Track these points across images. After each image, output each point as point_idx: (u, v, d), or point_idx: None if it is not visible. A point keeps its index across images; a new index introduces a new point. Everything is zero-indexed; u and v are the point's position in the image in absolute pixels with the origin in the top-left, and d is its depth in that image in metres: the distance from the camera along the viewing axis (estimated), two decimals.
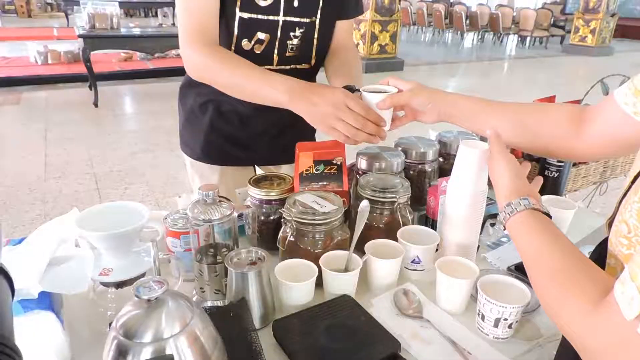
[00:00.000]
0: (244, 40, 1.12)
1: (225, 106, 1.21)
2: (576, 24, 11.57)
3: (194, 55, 1.05)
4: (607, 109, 0.72)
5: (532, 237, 0.62)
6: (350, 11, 1.25)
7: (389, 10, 8.15)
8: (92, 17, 5.43)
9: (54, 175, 3.69)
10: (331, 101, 0.90)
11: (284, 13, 1.12)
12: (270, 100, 0.98)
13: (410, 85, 0.92)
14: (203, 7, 1.04)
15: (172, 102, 5.58)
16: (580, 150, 0.79)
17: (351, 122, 0.89)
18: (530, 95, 7.29)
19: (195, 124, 1.26)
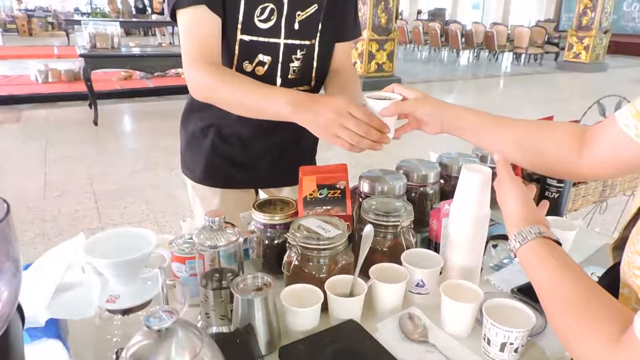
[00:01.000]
0: (245, 62, 1.13)
1: (227, 130, 1.22)
2: (570, 41, 11.73)
3: (196, 76, 1.06)
4: (609, 130, 0.73)
5: (545, 267, 0.62)
6: (348, 34, 1.27)
7: (385, 29, 8.26)
8: (94, 37, 5.49)
9: (53, 194, 3.69)
10: (334, 109, 0.91)
11: (284, 36, 1.14)
12: (274, 113, 0.99)
13: (415, 94, 0.92)
14: (205, 30, 1.06)
15: (171, 120, 5.60)
16: (582, 170, 0.80)
17: (354, 129, 0.89)
18: (526, 112, 7.36)
19: (196, 147, 1.27)
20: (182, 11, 1.06)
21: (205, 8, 1.04)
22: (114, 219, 3.30)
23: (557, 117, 1.74)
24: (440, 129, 0.91)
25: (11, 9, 17.25)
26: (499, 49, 13.07)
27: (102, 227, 3.18)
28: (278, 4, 1.11)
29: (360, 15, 8.45)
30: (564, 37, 13.03)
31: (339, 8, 1.21)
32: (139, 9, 18.48)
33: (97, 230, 3.16)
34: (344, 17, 1.24)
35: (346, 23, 1.25)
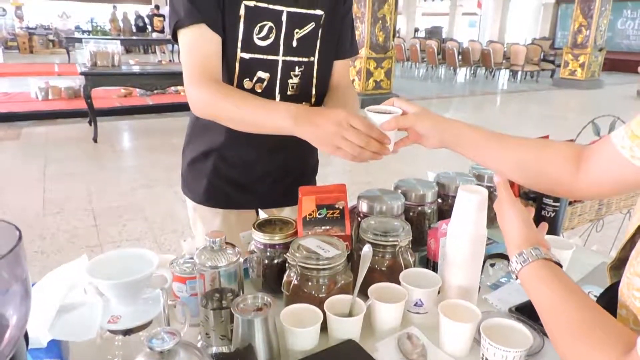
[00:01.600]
0: (246, 79, 1.16)
1: (229, 152, 1.24)
2: (565, 58, 11.87)
3: (198, 93, 1.08)
4: (604, 151, 0.74)
5: (546, 289, 0.64)
6: (345, 52, 1.30)
7: (383, 47, 8.36)
8: (94, 55, 5.55)
9: (52, 211, 3.69)
10: (334, 121, 0.91)
11: (283, 53, 1.16)
12: (276, 127, 1.00)
13: (415, 109, 0.93)
14: (205, 48, 1.08)
15: (171, 137, 5.65)
16: (578, 189, 0.81)
17: (355, 140, 0.90)
18: (523, 129, 7.39)
19: (198, 169, 1.28)
20: (183, 31, 1.08)
21: (206, 27, 1.06)
22: (113, 237, 3.30)
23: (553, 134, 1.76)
24: (439, 143, 0.92)
25: (13, 27, 17.42)
26: (496, 66, 13.21)
27: (100, 244, 3.18)
28: (276, 22, 1.13)
29: (358, 34, 8.57)
30: (559, 54, 13.19)
31: (336, 27, 1.24)
32: (140, 27, 18.70)
33: (96, 248, 3.16)
34: (341, 35, 1.27)
35: (343, 41, 1.28)
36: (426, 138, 0.92)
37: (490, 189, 1.29)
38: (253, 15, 1.11)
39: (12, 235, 0.34)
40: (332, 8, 1.21)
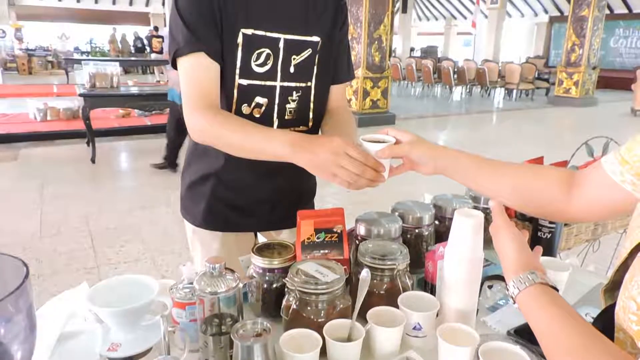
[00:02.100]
0: (244, 105, 1.17)
1: (228, 176, 1.25)
2: (560, 76, 12.01)
3: (197, 120, 1.09)
4: (596, 175, 0.76)
5: (545, 314, 0.65)
6: (342, 76, 1.33)
7: (379, 67, 8.46)
8: (93, 77, 5.59)
9: (49, 233, 3.68)
10: (331, 149, 0.93)
11: (280, 79, 1.19)
12: (273, 154, 1.01)
13: (409, 138, 0.95)
14: (204, 75, 1.10)
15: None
16: (571, 213, 0.83)
17: (351, 168, 0.92)
18: (519, 147, 7.43)
19: (197, 192, 1.29)
20: (182, 59, 1.10)
21: (205, 55, 1.08)
22: (110, 259, 3.28)
23: (549, 152, 1.79)
24: (434, 170, 0.94)
25: (12, 48, 17.56)
26: (491, 85, 13.35)
27: (97, 266, 3.16)
28: (274, 49, 1.16)
29: (355, 54, 8.67)
30: (553, 72, 13.35)
31: (333, 52, 1.27)
32: (138, 48, 18.87)
33: (93, 270, 3.15)
34: (337, 60, 1.29)
35: (340, 66, 1.31)
36: (421, 165, 0.94)
37: (486, 211, 1.31)
38: (251, 43, 1.13)
39: (19, 271, 0.35)
40: (328, 34, 1.23)
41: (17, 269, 0.35)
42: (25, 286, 0.34)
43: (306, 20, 1.19)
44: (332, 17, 1.24)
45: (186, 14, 1.08)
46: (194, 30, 1.07)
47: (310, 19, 1.20)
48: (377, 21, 8.21)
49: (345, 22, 1.30)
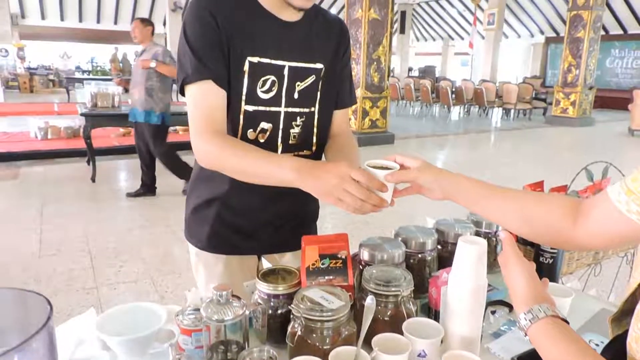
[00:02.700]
0: (249, 130, 1.20)
1: (232, 200, 1.26)
2: (557, 96, 12.14)
3: (203, 145, 1.11)
4: (602, 205, 0.77)
5: (557, 348, 0.66)
6: (345, 102, 1.35)
7: (378, 87, 8.55)
8: (95, 96, 5.63)
9: (48, 252, 3.67)
10: (336, 174, 0.95)
11: (285, 105, 1.21)
12: (280, 180, 1.03)
13: (417, 163, 0.97)
14: (211, 102, 1.12)
15: (168, 177, 5.66)
16: (578, 242, 0.83)
17: (356, 193, 0.93)
18: (517, 167, 7.45)
19: (201, 215, 1.30)
20: (190, 86, 1.13)
21: (212, 82, 1.11)
22: (109, 278, 3.27)
23: (548, 173, 1.80)
24: (442, 195, 0.95)
25: (14, 67, 17.71)
26: (489, 104, 13.47)
27: (96, 286, 3.15)
28: (279, 76, 1.18)
29: (354, 75, 8.76)
30: (550, 92, 13.49)
31: (335, 79, 1.30)
32: None
33: (92, 290, 3.13)
34: (340, 87, 1.32)
35: (342, 92, 1.34)
36: (429, 191, 0.96)
37: (489, 235, 1.32)
38: (256, 71, 1.16)
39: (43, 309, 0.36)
40: (331, 62, 1.26)
41: (41, 306, 0.36)
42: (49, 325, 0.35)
43: (310, 48, 1.22)
44: (334, 45, 1.28)
45: (194, 44, 1.11)
46: (202, 59, 1.10)
47: (314, 47, 1.23)
48: (375, 42, 8.33)
49: (347, 51, 1.33)
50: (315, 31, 1.24)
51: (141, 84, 4.73)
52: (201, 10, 1.11)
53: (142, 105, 4.73)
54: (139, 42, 4.79)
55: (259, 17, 1.16)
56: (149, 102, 4.71)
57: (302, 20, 1.20)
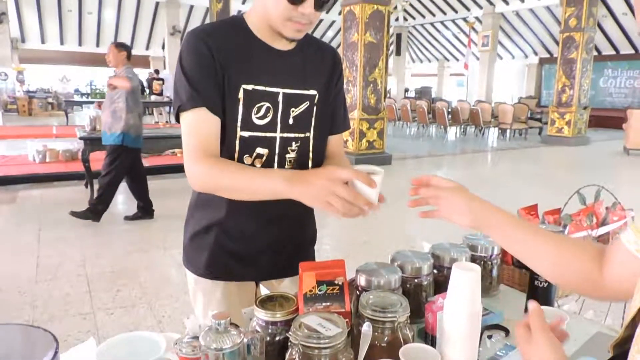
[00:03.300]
0: (245, 155, 1.22)
1: (230, 225, 1.28)
2: (552, 116, 12.26)
3: (196, 167, 1.14)
4: (618, 249, 0.77)
5: None
6: (339, 127, 1.39)
7: (375, 109, 8.63)
8: (94, 120, 5.68)
9: (45, 277, 3.65)
10: (326, 176, 0.99)
11: (280, 130, 1.24)
12: (271, 191, 1.07)
13: (451, 184, 0.97)
14: (205, 129, 1.15)
15: (166, 199, 5.68)
16: (605, 290, 0.81)
17: (345, 195, 0.97)
18: (515, 186, 7.46)
19: (200, 242, 1.32)
20: (185, 113, 1.16)
21: (206, 110, 1.14)
22: (106, 303, 3.25)
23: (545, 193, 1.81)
24: (472, 222, 0.93)
25: (13, 90, 17.83)
26: (485, 125, 13.58)
27: (93, 312, 3.13)
28: (273, 102, 1.21)
29: (351, 97, 8.87)
30: (546, 112, 13.63)
31: (329, 104, 1.33)
32: None
33: (89, 315, 3.12)
34: (334, 112, 1.35)
35: (336, 118, 1.37)
36: (459, 215, 0.93)
37: (484, 260, 1.33)
38: (251, 98, 1.19)
39: (49, 346, 0.38)
40: (325, 88, 1.30)
41: (48, 342, 0.38)
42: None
43: (303, 75, 1.26)
44: (328, 73, 1.31)
45: (189, 73, 1.15)
46: (196, 88, 1.14)
47: (307, 74, 1.27)
48: (372, 65, 8.44)
49: (340, 78, 1.37)
50: (308, 59, 1.27)
51: (107, 107, 4.79)
52: (197, 41, 1.15)
53: (107, 127, 4.78)
54: (114, 66, 4.84)
55: (254, 46, 1.20)
56: (113, 124, 4.74)
57: (296, 49, 1.24)
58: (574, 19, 11.34)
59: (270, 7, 1.12)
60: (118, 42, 5.04)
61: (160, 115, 16.04)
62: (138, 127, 4.86)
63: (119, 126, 4.71)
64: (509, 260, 1.46)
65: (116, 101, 4.73)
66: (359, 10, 8.19)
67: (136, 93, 4.85)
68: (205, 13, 19.71)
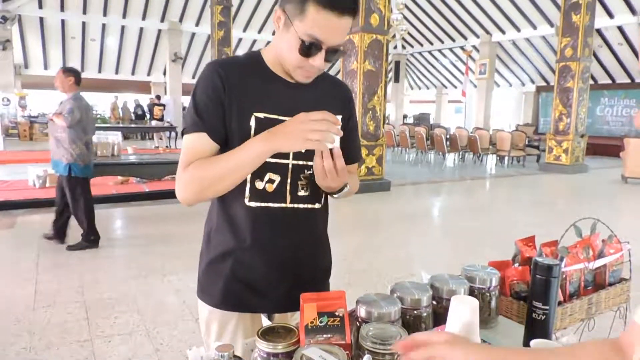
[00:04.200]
0: (257, 180, 1.26)
1: (245, 255, 1.30)
2: (549, 144, 12.35)
3: (182, 174, 1.20)
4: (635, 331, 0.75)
5: None
6: (351, 157, 1.40)
7: (374, 135, 8.72)
8: (95, 145, 5.73)
9: (43, 304, 3.63)
10: (297, 120, 1.10)
11: (293, 157, 1.27)
12: (256, 156, 1.14)
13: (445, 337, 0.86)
14: (200, 149, 1.20)
15: (165, 224, 5.70)
16: None
17: (318, 127, 1.08)
18: (513, 214, 7.47)
19: (216, 270, 1.33)
20: (187, 135, 1.22)
21: (206, 135, 1.20)
22: (104, 331, 3.23)
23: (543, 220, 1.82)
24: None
25: (15, 115, 17.98)
26: (483, 151, 13.68)
27: (91, 339, 3.11)
28: None
29: None
30: (543, 139, 13.74)
31: (342, 137, 1.36)
32: (138, 115, 19.42)
33: (86, 343, 3.09)
34: (346, 144, 1.37)
35: (349, 150, 1.38)
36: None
37: (482, 291, 1.35)
38: (263, 125, 1.22)
39: None
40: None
41: None
42: None
43: (316, 105, 1.29)
44: (340, 107, 1.36)
45: (198, 100, 1.22)
46: (201, 115, 1.20)
47: (320, 105, 1.29)
48: (371, 92, 8.56)
49: (352, 113, 1.42)
50: (322, 93, 1.32)
51: (51, 134, 4.81)
52: (212, 72, 1.22)
53: (54, 153, 4.79)
54: (62, 92, 4.75)
55: (268, 78, 1.26)
56: (57, 152, 4.73)
57: (310, 83, 1.28)
58: (569, 49, 11.55)
59: (285, 53, 1.19)
60: (66, 67, 4.88)
61: (160, 140, 16.16)
62: (85, 156, 4.79)
63: (65, 158, 4.68)
64: (507, 292, 1.48)
65: (58, 130, 4.69)
66: (359, 40, 8.35)
67: (82, 122, 4.70)
68: (206, 40, 20.08)
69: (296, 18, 1.12)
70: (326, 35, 1.13)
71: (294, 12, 1.13)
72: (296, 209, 1.31)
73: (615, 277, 1.58)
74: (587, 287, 1.51)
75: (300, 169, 1.29)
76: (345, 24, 1.14)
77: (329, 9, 1.10)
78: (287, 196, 1.29)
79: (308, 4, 1.10)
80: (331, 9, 1.10)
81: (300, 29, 1.12)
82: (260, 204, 1.27)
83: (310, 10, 1.10)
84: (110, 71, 21.42)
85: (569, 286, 1.43)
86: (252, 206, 1.27)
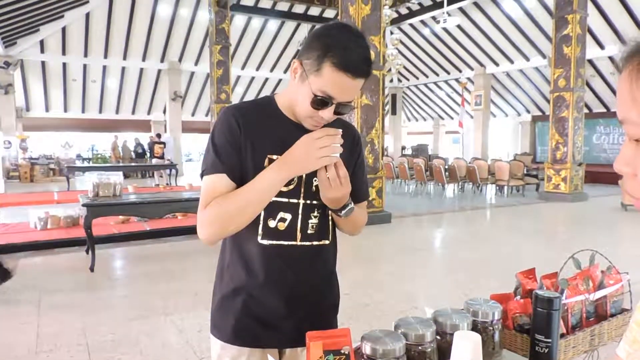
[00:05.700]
0: (269, 219, 1.31)
1: (257, 291, 1.34)
2: (547, 173, 12.41)
3: (203, 213, 1.25)
4: None
5: None
6: (358, 197, 1.45)
7: (373, 168, 8.79)
8: (97, 186, 5.77)
9: (44, 348, 3.59)
10: (303, 145, 1.19)
11: (303, 197, 1.33)
12: (273, 184, 1.22)
13: None
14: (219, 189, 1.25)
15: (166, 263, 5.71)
16: None
17: (325, 143, 1.17)
18: (514, 243, 7.48)
19: (227, 307, 1.37)
20: (206, 177, 1.28)
21: (225, 176, 1.26)
22: None
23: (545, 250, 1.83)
24: None
25: (16, 158, 18.12)
26: (482, 181, 13.73)
27: None
28: None
29: None
30: (541, 168, 13.81)
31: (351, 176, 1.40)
32: (138, 154, 19.58)
33: None
34: (355, 184, 1.41)
35: (357, 189, 1.42)
36: None
37: (485, 325, 1.36)
38: None
39: None
40: (346, 159, 1.36)
41: None
42: None
43: None
44: (349, 149, 1.41)
45: (217, 143, 1.28)
46: (220, 157, 1.27)
47: None
48: (369, 126, 8.69)
49: (360, 155, 1.48)
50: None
51: None
52: (229, 116, 1.29)
53: None
54: None
55: (280, 122, 1.33)
56: None
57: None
58: (562, 79, 11.75)
59: (297, 102, 1.27)
60: None
61: (160, 177, 16.23)
62: None
63: None
64: (510, 325, 1.49)
65: None
66: None
67: None
68: (205, 79, 20.46)
69: (312, 73, 1.20)
70: (338, 94, 1.21)
71: (310, 67, 1.20)
72: (306, 246, 1.36)
73: (617, 307, 1.59)
74: (589, 318, 1.52)
75: (310, 208, 1.34)
76: (358, 85, 1.22)
77: (344, 71, 1.17)
78: (297, 235, 1.34)
79: (325, 63, 1.17)
80: (346, 71, 1.18)
81: (314, 84, 1.20)
82: (273, 241, 1.32)
83: (326, 69, 1.18)
84: (110, 111, 21.71)
85: (571, 318, 1.44)
86: (264, 244, 1.32)
